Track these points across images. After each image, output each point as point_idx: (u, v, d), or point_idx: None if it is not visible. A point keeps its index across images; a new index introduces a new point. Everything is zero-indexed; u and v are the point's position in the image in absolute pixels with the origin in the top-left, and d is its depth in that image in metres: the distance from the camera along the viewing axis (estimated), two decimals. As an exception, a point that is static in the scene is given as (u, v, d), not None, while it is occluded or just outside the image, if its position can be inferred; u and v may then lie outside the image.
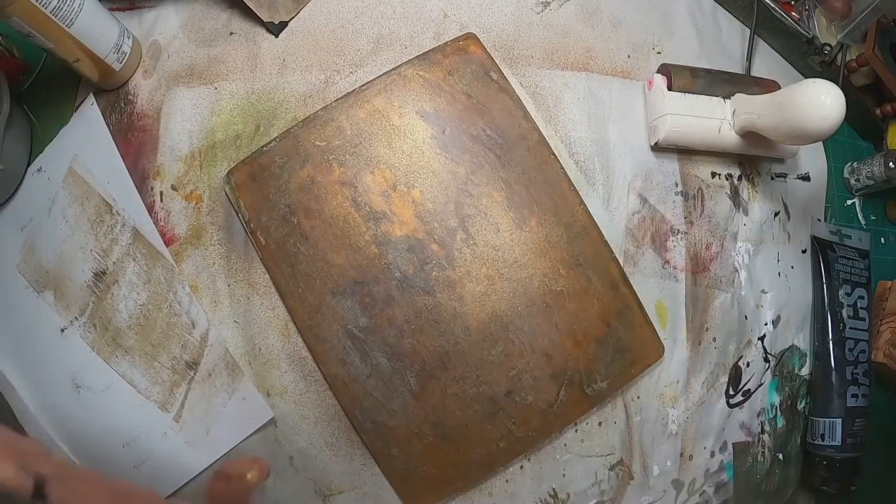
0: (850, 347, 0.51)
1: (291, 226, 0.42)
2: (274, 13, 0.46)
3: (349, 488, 0.42)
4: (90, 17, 0.42)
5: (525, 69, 0.47)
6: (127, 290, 0.45)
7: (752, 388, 0.49)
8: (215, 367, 0.43)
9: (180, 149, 0.45)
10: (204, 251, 0.44)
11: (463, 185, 0.43)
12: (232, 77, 0.46)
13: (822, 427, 0.50)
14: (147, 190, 0.45)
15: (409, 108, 0.43)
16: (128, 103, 0.47)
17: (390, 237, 0.42)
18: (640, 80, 0.49)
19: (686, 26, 0.52)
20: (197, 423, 0.43)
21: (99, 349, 0.45)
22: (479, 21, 0.47)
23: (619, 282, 0.44)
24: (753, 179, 0.51)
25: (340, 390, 0.41)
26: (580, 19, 0.49)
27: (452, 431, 0.41)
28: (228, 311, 0.43)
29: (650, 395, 0.46)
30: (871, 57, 0.54)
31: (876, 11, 0.55)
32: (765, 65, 0.55)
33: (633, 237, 0.47)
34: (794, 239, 0.53)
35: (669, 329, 0.46)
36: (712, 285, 0.48)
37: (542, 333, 0.42)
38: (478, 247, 0.42)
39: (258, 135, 0.45)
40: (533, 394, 0.42)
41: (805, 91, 0.39)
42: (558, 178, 0.44)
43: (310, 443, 0.42)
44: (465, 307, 0.41)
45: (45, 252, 0.47)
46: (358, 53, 0.46)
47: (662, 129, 0.46)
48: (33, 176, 0.49)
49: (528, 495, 0.44)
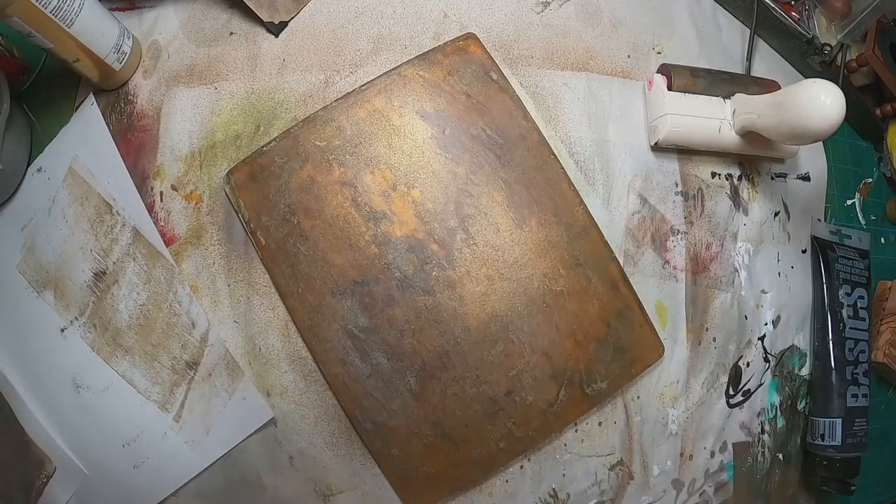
0: (850, 347, 0.51)
1: (291, 226, 0.42)
2: (274, 13, 0.46)
3: (349, 488, 0.43)
4: (90, 17, 0.42)
5: (525, 69, 0.47)
6: (127, 290, 0.45)
7: (752, 388, 0.49)
8: (215, 367, 0.43)
9: (180, 149, 0.45)
10: (204, 251, 0.44)
11: (463, 185, 0.43)
12: (232, 77, 0.46)
13: (822, 427, 0.50)
14: (147, 190, 0.45)
15: (409, 108, 0.43)
16: (128, 103, 0.47)
17: (390, 237, 0.42)
18: (640, 80, 0.49)
19: (686, 26, 0.52)
20: (197, 423, 0.43)
21: (99, 349, 0.45)
22: (479, 21, 0.47)
23: (619, 282, 0.44)
24: (753, 179, 0.51)
25: (340, 390, 0.41)
26: (580, 19, 0.49)
27: (452, 431, 0.41)
28: (228, 311, 0.43)
29: (650, 395, 0.46)
30: (871, 57, 0.54)
31: (876, 11, 0.55)
32: (765, 65, 0.55)
33: (633, 237, 0.47)
34: (794, 239, 0.53)
35: (669, 329, 0.46)
36: (712, 285, 0.48)
37: (542, 333, 0.42)
38: (478, 247, 0.42)
39: (258, 135, 0.45)
40: (533, 394, 0.42)
41: (805, 91, 0.39)
42: (558, 178, 0.44)
43: (310, 443, 0.42)
44: (465, 307, 0.41)
45: (45, 252, 0.47)
46: (358, 53, 0.46)
47: (662, 129, 0.46)
48: (33, 176, 0.49)
49: (528, 495, 0.44)
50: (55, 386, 0.46)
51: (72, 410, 0.45)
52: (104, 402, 0.45)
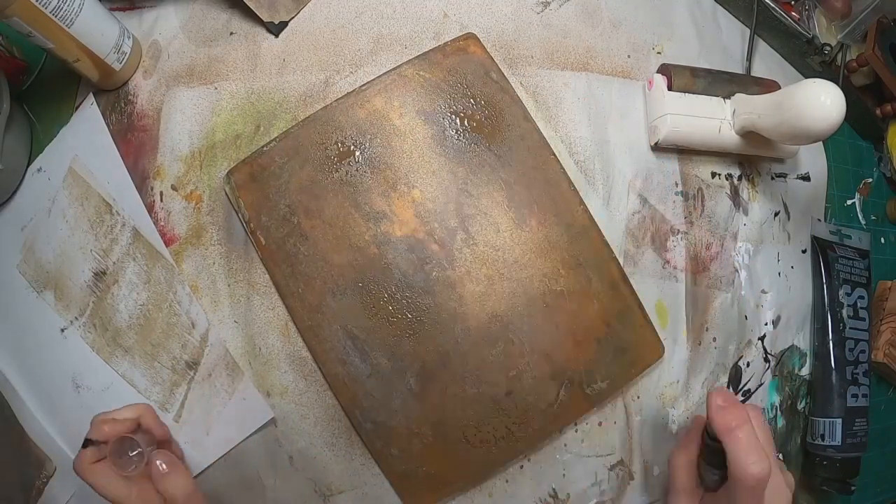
0: (850, 347, 0.51)
1: (291, 226, 0.42)
2: (274, 13, 0.46)
3: (349, 488, 0.43)
4: (90, 17, 0.42)
5: (525, 69, 0.47)
6: (127, 290, 0.45)
7: (752, 388, 0.49)
8: (215, 368, 0.43)
9: (180, 149, 0.45)
10: (204, 251, 0.44)
11: (463, 185, 0.43)
12: (232, 77, 0.46)
13: (822, 427, 0.50)
14: (147, 190, 0.45)
15: (409, 108, 0.43)
16: (128, 103, 0.47)
17: (390, 237, 0.42)
18: (640, 80, 0.49)
19: (686, 26, 0.52)
20: (197, 424, 0.43)
21: (99, 349, 0.45)
22: (479, 21, 0.47)
23: (619, 282, 0.44)
24: (753, 179, 0.51)
25: (340, 390, 0.41)
26: (580, 19, 0.49)
27: (452, 431, 0.41)
28: (228, 311, 0.43)
29: (650, 395, 0.46)
30: (871, 57, 0.54)
31: (876, 11, 0.55)
32: (765, 65, 0.55)
33: (633, 237, 0.47)
34: (794, 239, 0.53)
35: (669, 329, 0.46)
36: (712, 285, 0.48)
37: (542, 333, 0.42)
38: (478, 247, 0.42)
39: (258, 135, 0.45)
40: (533, 394, 0.42)
41: (805, 91, 0.39)
42: (558, 178, 0.44)
43: (310, 443, 0.42)
44: (465, 307, 0.41)
45: (45, 252, 0.47)
46: (358, 53, 0.46)
47: (662, 129, 0.46)
48: (33, 176, 0.49)
49: (528, 495, 0.44)
50: (55, 386, 0.46)
51: (72, 410, 0.45)
52: (104, 402, 0.45)
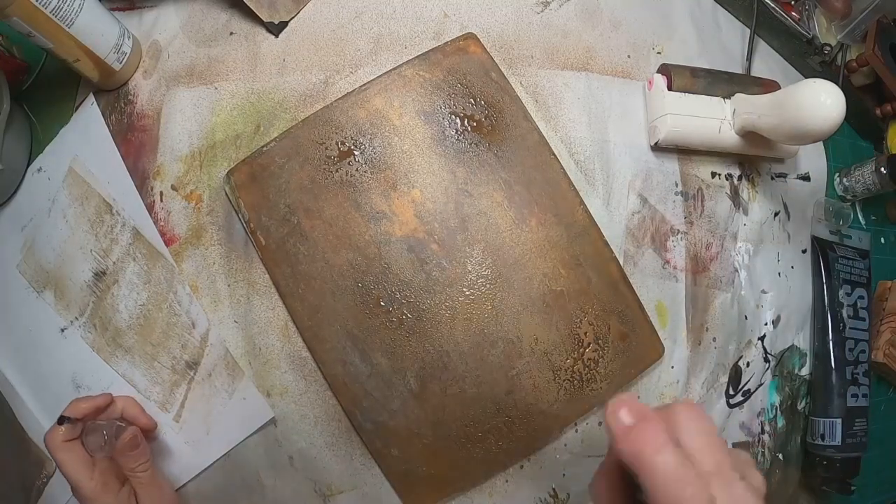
0: (850, 347, 0.51)
1: (291, 226, 0.42)
2: (274, 13, 0.46)
3: (349, 488, 0.42)
4: (90, 17, 0.42)
5: (525, 69, 0.47)
6: (127, 290, 0.45)
7: (752, 388, 0.49)
8: (215, 367, 0.43)
9: (180, 149, 0.45)
10: (204, 251, 0.44)
11: (463, 185, 0.43)
12: (232, 77, 0.46)
13: (822, 427, 0.50)
14: (147, 190, 0.45)
15: (409, 108, 0.43)
16: (128, 103, 0.47)
17: (390, 237, 0.42)
18: (640, 80, 0.49)
19: (686, 26, 0.52)
20: (197, 423, 0.43)
21: (99, 349, 0.45)
22: (479, 21, 0.47)
23: (619, 282, 0.44)
24: (753, 179, 0.51)
25: (340, 390, 0.41)
26: (580, 19, 0.49)
27: (452, 431, 0.41)
28: (228, 311, 0.43)
29: (650, 395, 0.46)
30: (871, 57, 0.54)
31: (876, 11, 0.55)
32: (765, 65, 0.55)
33: (633, 237, 0.47)
34: (794, 239, 0.53)
35: (669, 329, 0.46)
36: (712, 285, 0.48)
37: (542, 333, 0.42)
38: (478, 247, 0.42)
39: (258, 135, 0.45)
40: (533, 394, 0.42)
41: (805, 91, 0.39)
42: (558, 178, 0.44)
43: (310, 443, 0.42)
44: (465, 307, 0.41)
45: (45, 252, 0.47)
46: (358, 53, 0.46)
47: (662, 129, 0.46)
48: (33, 176, 0.49)
49: (528, 495, 0.44)
50: (55, 386, 0.46)
51: (72, 410, 0.45)
52: (104, 402, 0.45)
